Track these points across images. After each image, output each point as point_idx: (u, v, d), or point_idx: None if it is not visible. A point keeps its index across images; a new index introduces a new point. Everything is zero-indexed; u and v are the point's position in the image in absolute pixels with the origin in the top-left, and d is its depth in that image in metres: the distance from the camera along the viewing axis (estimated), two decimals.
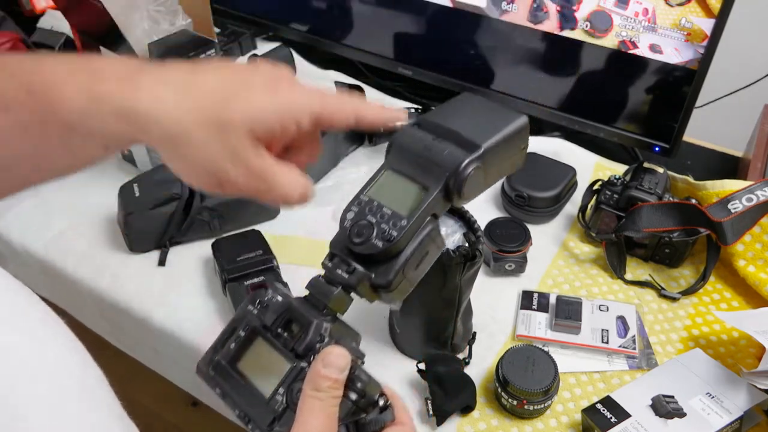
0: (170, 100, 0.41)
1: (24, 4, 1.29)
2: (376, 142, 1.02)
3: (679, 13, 0.86)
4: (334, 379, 0.42)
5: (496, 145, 0.49)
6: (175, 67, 0.43)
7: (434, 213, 0.47)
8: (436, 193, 0.46)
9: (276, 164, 0.44)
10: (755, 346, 0.74)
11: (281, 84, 0.44)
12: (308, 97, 0.44)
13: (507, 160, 0.51)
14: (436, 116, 0.51)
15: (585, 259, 0.87)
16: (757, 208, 0.77)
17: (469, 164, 0.47)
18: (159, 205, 0.84)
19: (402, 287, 0.47)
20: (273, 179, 0.44)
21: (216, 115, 0.41)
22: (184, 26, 0.92)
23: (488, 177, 0.49)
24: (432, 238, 0.48)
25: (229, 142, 0.42)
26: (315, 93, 0.45)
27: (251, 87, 0.43)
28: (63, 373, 0.31)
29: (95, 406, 0.32)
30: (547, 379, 0.65)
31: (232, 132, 0.42)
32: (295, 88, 0.45)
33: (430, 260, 0.49)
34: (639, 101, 0.96)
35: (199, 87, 0.42)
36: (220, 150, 0.42)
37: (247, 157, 0.42)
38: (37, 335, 0.31)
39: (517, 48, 1.02)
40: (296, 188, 0.45)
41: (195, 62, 0.45)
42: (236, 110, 0.42)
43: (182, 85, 0.42)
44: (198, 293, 0.82)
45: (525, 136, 0.52)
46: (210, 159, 0.42)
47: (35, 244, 0.89)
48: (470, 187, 0.47)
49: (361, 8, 1.15)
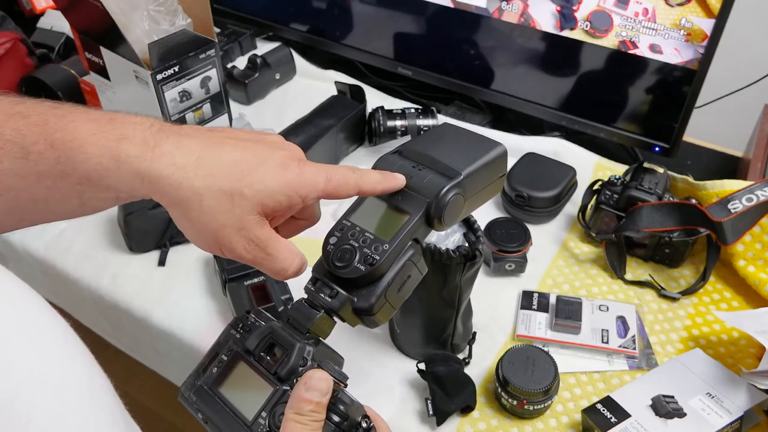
0: (189, 168, 0.44)
1: (24, 4, 1.29)
2: (376, 142, 1.02)
3: (679, 13, 0.86)
4: (316, 403, 0.43)
5: (476, 173, 0.51)
6: (196, 135, 0.47)
7: (416, 238, 0.49)
8: (417, 219, 0.48)
9: (276, 238, 0.47)
10: (755, 346, 0.74)
11: (292, 164, 0.47)
12: (315, 177, 0.47)
13: (486, 187, 0.53)
14: (417, 145, 0.54)
15: (585, 259, 0.87)
16: (757, 208, 0.77)
17: (449, 191, 0.48)
18: (159, 205, 0.84)
19: (384, 311, 0.48)
20: (273, 252, 0.47)
21: (230, 186, 0.45)
22: (184, 26, 0.92)
23: (468, 203, 0.51)
24: (414, 262, 0.49)
25: (236, 213, 0.45)
26: (321, 172, 0.48)
27: (266, 165, 0.46)
28: (69, 380, 0.31)
29: (101, 414, 0.32)
30: (547, 379, 0.65)
31: (241, 204, 0.45)
32: (304, 169, 0.47)
33: (412, 284, 0.50)
34: (639, 101, 0.96)
35: (217, 159, 0.45)
36: (227, 218, 0.45)
37: (251, 229, 0.45)
38: (44, 341, 0.31)
39: (517, 48, 1.02)
40: (293, 262, 0.48)
41: (214, 131, 0.48)
42: (249, 185, 0.45)
43: (201, 155, 0.45)
44: (198, 293, 0.82)
45: (503, 164, 0.54)
46: (216, 225, 0.45)
47: (35, 244, 0.89)
48: (450, 213, 0.49)
49: (361, 8, 1.15)
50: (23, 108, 0.45)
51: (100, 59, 0.95)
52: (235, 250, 0.46)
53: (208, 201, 0.45)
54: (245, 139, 0.48)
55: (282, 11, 1.25)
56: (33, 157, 0.43)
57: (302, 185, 0.47)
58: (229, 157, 0.46)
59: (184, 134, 0.46)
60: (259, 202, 0.45)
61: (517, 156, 0.96)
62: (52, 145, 0.43)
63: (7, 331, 0.30)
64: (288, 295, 0.74)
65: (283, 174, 0.46)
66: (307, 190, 0.47)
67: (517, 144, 1.02)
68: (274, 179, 0.46)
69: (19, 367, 0.29)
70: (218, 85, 0.99)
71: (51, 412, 0.29)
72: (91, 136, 0.44)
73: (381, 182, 0.50)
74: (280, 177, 0.46)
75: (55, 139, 0.43)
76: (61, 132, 0.44)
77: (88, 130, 0.44)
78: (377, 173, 0.51)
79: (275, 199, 0.46)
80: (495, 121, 1.12)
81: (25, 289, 0.33)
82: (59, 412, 0.30)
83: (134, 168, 0.44)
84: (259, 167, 0.46)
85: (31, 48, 1.12)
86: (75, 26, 0.98)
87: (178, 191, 0.44)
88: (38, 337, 0.31)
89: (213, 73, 0.97)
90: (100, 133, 0.44)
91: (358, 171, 0.50)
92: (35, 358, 0.30)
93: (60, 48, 1.19)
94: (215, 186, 0.45)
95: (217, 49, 0.97)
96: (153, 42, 0.88)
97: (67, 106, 0.47)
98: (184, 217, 0.46)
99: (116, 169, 0.44)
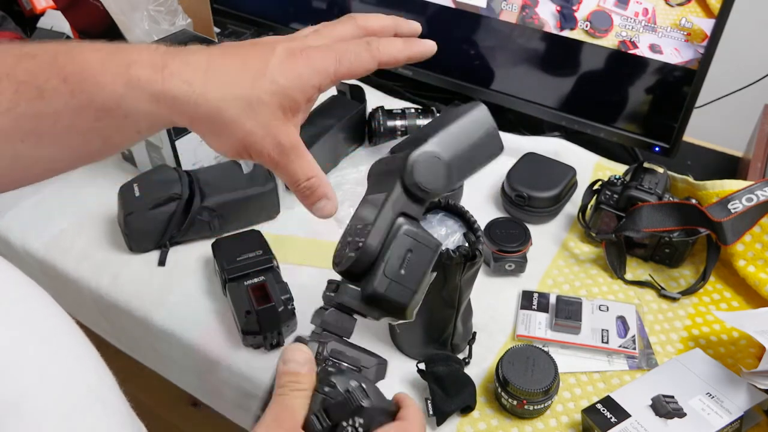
0: (199, 83, 0.45)
1: (24, 4, 1.29)
2: (376, 142, 1.02)
3: (679, 13, 0.86)
4: (294, 373, 0.43)
5: (448, 132, 0.49)
6: (199, 51, 0.47)
7: (404, 212, 0.48)
8: (393, 192, 0.47)
9: (301, 146, 0.48)
10: (755, 346, 0.74)
11: (297, 54, 0.47)
12: (324, 62, 0.47)
13: (471, 144, 0.50)
14: (406, 139, 0.53)
15: (585, 259, 0.87)
16: (757, 208, 0.77)
17: (417, 155, 0.47)
18: (159, 205, 0.84)
19: (398, 292, 0.46)
20: (296, 158, 0.48)
21: (245, 94, 0.45)
22: (184, 26, 0.92)
23: (454, 164, 0.49)
24: (409, 235, 0.47)
25: (260, 120, 0.46)
26: (330, 55, 0.47)
27: (272, 63, 0.46)
28: (78, 380, 0.31)
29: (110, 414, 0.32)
30: (547, 379, 0.65)
31: (262, 111, 0.46)
32: (310, 57, 0.47)
33: (421, 261, 0.48)
34: (639, 101, 0.96)
35: (224, 69, 0.46)
36: (252, 125, 0.46)
37: (277, 133, 0.47)
38: (52, 341, 0.31)
39: (517, 48, 1.02)
40: (307, 172, 0.49)
41: (211, 47, 0.48)
42: (265, 90, 0.45)
43: (208, 68, 0.45)
44: (198, 293, 0.82)
45: (485, 118, 0.51)
46: (242, 133, 0.46)
47: (35, 244, 0.89)
48: (426, 176, 0.47)
49: (362, 8, 1.15)
50: (30, 49, 0.45)
51: None
52: (263, 153, 0.47)
53: (229, 112, 0.45)
54: (244, 45, 0.48)
55: (282, 11, 1.25)
56: (48, 94, 0.43)
57: (313, 75, 0.46)
58: (234, 65, 0.46)
59: (189, 52, 0.47)
60: (277, 104, 0.46)
61: (517, 156, 0.96)
62: (65, 80, 0.43)
63: (15, 331, 0.30)
64: (288, 295, 0.74)
65: (292, 68, 0.46)
66: (319, 78, 0.47)
67: (517, 144, 1.02)
68: (285, 76, 0.46)
69: (28, 368, 0.29)
70: None
71: (60, 413, 0.29)
72: (100, 66, 0.44)
73: (403, 50, 0.49)
74: (289, 72, 0.46)
75: (67, 72, 0.44)
76: (71, 65, 0.44)
77: (97, 60, 0.44)
78: (399, 41, 0.49)
79: (291, 98, 0.46)
80: (495, 121, 1.12)
81: (32, 287, 0.33)
82: (68, 413, 0.30)
83: (148, 91, 0.44)
84: (266, 67, 0.46)
85: None
86: (75, 26, 0.98)
87: (197, 108, 0.45)
88: (47, 337, 0.31)
89: None
90: (110, 61, 0.45)
91: (375, 41, 0.48)
92: (44, 359, 0.30)
93: None
94: (230, 96, 0.45)
95: None
96: (153, 42, 0.88)
97: (73, 41, 0.47)
98: (210, 132, 0.47)
99: (131, 94, 0.44)
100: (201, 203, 0.85)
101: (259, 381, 0.73)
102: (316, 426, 0.42)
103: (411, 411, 0.46)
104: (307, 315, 0.49)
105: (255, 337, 0.73)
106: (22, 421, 0.28)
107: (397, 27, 0.52)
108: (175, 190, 0.84)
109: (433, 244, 0.48)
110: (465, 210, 0.65)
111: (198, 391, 0.85)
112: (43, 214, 0.92)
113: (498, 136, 0.52)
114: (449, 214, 0.66)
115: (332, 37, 0.49)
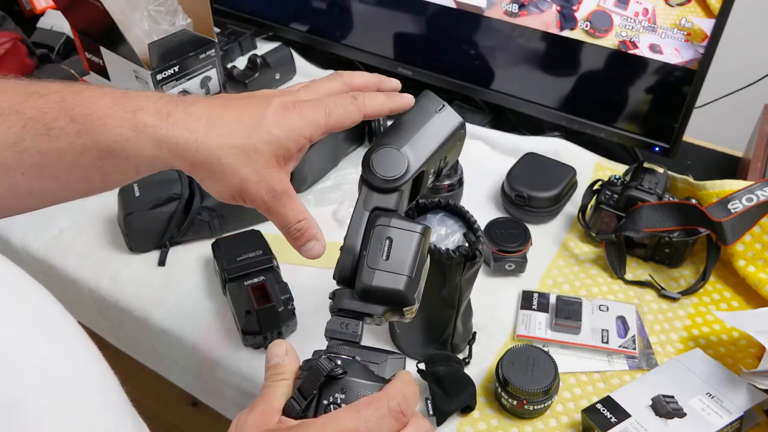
0: (201, 131, 0.49)
1: (24, 4, 1.29)
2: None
3: (679, 13, 0.86)
4: (274, 365, 0.45)
5: (399, 123, 0.52)
6: (200, 102, 0.51)
7: (376, 207, 0.49)
8: (362, 190, 0.50)
9: (292, 193, 0.52)
10: (755, 346, 0.74)
11: (290, 108, 0.51)
12: (315, 115, 0.51)
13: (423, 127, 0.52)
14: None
15: (585, 259, 0.87)
16: (757, 208, 0.77)
17: (370, 151, 0.50)
18: (159, 205, 0.84)
19: (389, 279, 0.46)
20: (287, 203, 0.52)
21: (242, 143, 0.49)
22: (184, 26, 0.92)
23: (413, 148, 0.51)
24: (385, 224, 0.48)
25: (255, 167, 0.49)
26: (321, 109, 0.51)
27: (267, 116, 0.50)
28: (80, 379, 0.31)
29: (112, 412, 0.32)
30: (547, 379, 0.65)
31: (257, 159, 0.49)
32: (304, 110, 0.51)
33: (405, 246, 0.47)
34: (639, 101, 0.96)
35: (223, 120, 0.50)
36: (247, 173, 0.49)
37: (269, 180, 0.50)
38: (54, 339, 0.31)
39: (517, 48, 1.02)
40: (297, 215, 0.52)
41: (213, 98, 0.52)
42: (260, 140, 0.49)
43: (209, 118, 0.49)
44: (198, 293, 0.82)
45: (430, 101, 0.54)
46: (238, 179, 0.50)
47: (35, 244, 0.89)
48: (383, 166, 0.50)
49: (361, 8, 1.15)
50: (39, 87, 0.47)
51: (100, 59, 0.95)
52: (256, 198, 0.51)
53: (227, 159, 0.49)
54: (241, 98, 0.52)
55: (282, 11, 1.25)
56: (54, 132, 0.46)
57: (305, 127, 0.50)
58: (233, 116, 0.50)
59: (190, 102, 0.50)
60: (272, 152, 0.49)
61: (517, 156, 0.96)
62: (73, 120, 0.46)
63: (16, 329, 0.30)
64: (288, 294, 0.74)
65: (286, 120, 0.50)
66: (310, 130, 0.51)
67: (517, 144, 1.02)
68: (280, 127, 0.50)
69: (29, 365, 0.29)
70: (218, 85, 0.99)
71: (62, 412, 0.29)
72: (108, 109, 0.47)
73: (386, 103, 0.53)
74: (284, 124, 0.50)
75: (75, 113, 0.46)
76: (79, 107, 0.46)
77: (105, 104, 0.47)
78: (381, 95, 0.53)
79: (285, 147, 0.50)
80: (495, 121, 1.12)
81: (34, 286, 0.33)
82: (70, 412, 0.30)
83: (152, 136, 0.47)
84: (263, 119, 0.50)
85: (31, 48, 1.12)
86: (75, 26, 0.98)
87: (197, 155, 0.48)
88: (49, 335, 0.31)
89: (213, 73, 0.97)
90: (117, 105, 0.47)
91: (360, 96, 0.53)
92: (45, 357, 0.30)
93: (60, 48, 1.19)
94: (229, 144, 0.49)
95: (217, 49, 0.97)
96: (153, 42, 0.88)
97: (80, 84, 0.50)
98: (209, 177, 0.50)
99: (136, 138, 0.47)
100: (201, 203, 0.85)
101: (259, 381, 0.73)
102: (295, 407, 0.42)
103: (395, 380, 0.44)
104: (307, 315, 0.49)
105: (255, 337, 0.73)
106: (23, 418, 0.28)
107: (380, 83, 0.57)
108: (175, 190, 0.84)
109: (417, 228, 0.48)
110: (465, 210, 0.65)
111: (198, 391, 0.85)
112: (43, 214, 0.91)
113: (450, 111, 0.54)
114: (449, 214, 0.66)
115: (321, 92, 0.54)
